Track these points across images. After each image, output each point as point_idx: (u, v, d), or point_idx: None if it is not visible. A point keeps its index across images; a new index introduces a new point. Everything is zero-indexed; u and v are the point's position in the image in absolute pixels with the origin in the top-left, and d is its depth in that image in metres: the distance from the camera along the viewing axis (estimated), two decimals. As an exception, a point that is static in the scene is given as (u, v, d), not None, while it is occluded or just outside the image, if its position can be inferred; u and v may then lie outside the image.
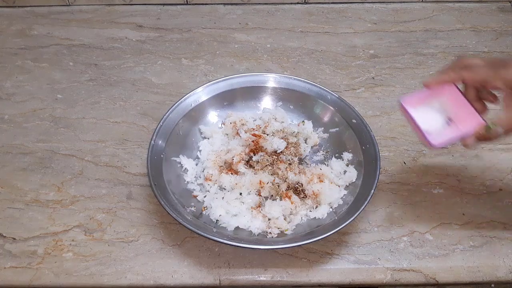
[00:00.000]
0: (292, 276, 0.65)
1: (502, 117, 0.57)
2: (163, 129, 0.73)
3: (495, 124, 0.57)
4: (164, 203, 0.64)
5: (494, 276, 0.66)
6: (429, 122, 0.60)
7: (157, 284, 0.64)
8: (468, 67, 0.58)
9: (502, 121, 0.57)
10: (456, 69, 0.58)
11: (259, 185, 0.70)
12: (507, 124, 0.57)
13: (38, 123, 0.84)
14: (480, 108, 0.60)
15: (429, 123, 0.60)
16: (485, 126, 0.57)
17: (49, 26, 1.03)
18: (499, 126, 0.57)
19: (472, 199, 0.74)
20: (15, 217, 0.71)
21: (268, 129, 0.77)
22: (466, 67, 0.58)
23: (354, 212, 0.64)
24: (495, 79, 0.56)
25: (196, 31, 1.02)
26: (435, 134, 0.59)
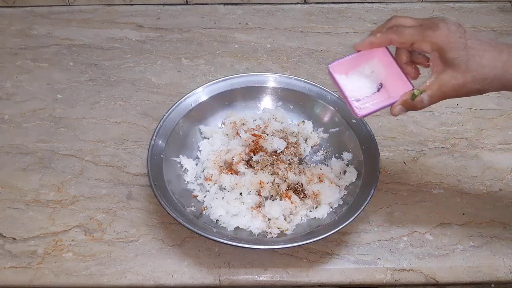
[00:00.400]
0: (292, 276, 0.65)
1: (428, 83, 0.54)
2: (163, 129, 0.73)
3: (421, 91, 0.54)
4: (164, 203, 0.64)
5: (494, 276, 0.66)
6: (358, 90, 0.58)
7: (157, 284, 0.64)
8: (397, 27, 0.54)
9: (428, 87, 0.54)
10: (384, 31, 0.55)
11: (259, 185, 0.70)
12: (432, 91, 0.54)
13: (38, 123, 0.84)
14: (411, 72, 0.57)
15: (358, 90, 0.58)
16: (411, 93, 0.55)
17: (49, 26, 1.02)
18: (424, 94, 0.54)
19: (472, 199, 0.74)
20: (15, 217, 0.71)
21: (268, 129, 0.77)
22: (395, 28, 0.54)
23: (354, 212, 0.64)
24: (421, 42, 0.52)
25: (196, 31, 1.02)
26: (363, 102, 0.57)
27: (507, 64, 0.51)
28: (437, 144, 0.81)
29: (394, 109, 0.56)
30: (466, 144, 0.82)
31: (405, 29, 0.53)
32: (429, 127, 0.84)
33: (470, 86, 0.52)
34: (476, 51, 0.51)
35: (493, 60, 0.51)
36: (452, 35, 0.51)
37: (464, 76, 0.51)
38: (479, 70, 0.51)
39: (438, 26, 0.52)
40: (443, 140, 0.82)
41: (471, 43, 0.51)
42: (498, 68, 0.51)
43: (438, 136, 0.83)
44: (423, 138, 0.82)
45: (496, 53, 0.51)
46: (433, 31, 0.52)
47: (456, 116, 0.86)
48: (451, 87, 0.53)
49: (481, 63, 0.51)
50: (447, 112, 0.87)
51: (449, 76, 0.52)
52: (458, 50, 0.51)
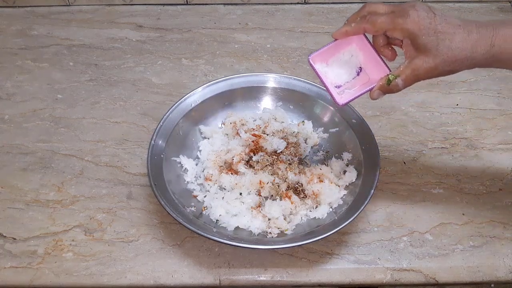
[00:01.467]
0: (292, 276, 0.65)
1: (401, 68, 0.57)
2: (163, 129, 0.73)
3: (395, 76, 0.57)
4: (164, 203, 0.64)
5: (494, 276, 0.66)
6: (338, 76, 0.61)
7: (157, 284, 0.64)
8: (370, 16, 0.56)
9: (401, 72, 0.57)
10: (358, 20, 0.57)
11: (259, 185, 0.70)
12: (406, 75, 0.56)
13: (38, 123, 0.84)
14: (388, 55, 0.59)
15: (339, 77, 0.61)
16: (386, 78, 0.57)
17: (49, 26, 1.03)
18: (398, 78, 0.57)
19: (472, 199, 0.74)
20: (15, 217, 0.71)
21: (268, 129, 0.77)
22: (368, 17, 0.56)
23: (354, 212, 0.64)
24: (393, 30, 0.55)
25: (196, 31, 1.02)
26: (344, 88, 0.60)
27: (476, 44, 0.53)
28: (437, 144, 0.82)
29: (372, 94, 0.59)
30: (466, 144, 0.82)
31: (377, 18, 0.55)
32: (429, 127, 0.84)
33: (441, 68, 0.54)
34: (446, 35, 0.53)
35: (462, 42, 0.53)
36: (421, 21, 0.53)
37: (435, 60, 0.54)
38: (449, 53, 0.53)
39: (408, 13, 0.53)
40: (443, 140, 0.82)
41: (440, 27, 0.53)
42: (468, 50, 0.53)
43: (438, 136, 0.83)
44: (423, 138, 0.82)
45: (465, 34, 0.53)
46: (403, 19, 0.53)
47: (456, 116, 0.86)
48: (423, 70, 0.55)
49: (450, 46, 0.53)
50: (447, 112, 0.87)
51: (421, 61, 0.54)
52: (428, 35, 0.53)
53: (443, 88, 0.92)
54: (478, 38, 0.53)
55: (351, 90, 0.60)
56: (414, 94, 0.90)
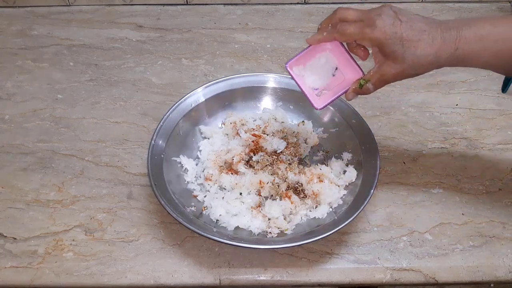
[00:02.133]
0: (292, 276, 0.65)
1: (371, 73, 0.61)
2: (163, 129, 0.73)
3: (366, 80, 0.61)
4: (164, 203, 0.64)
5: (494, 276, 0.66)
6: (315, 80, 0.64)
7: (157, 283, 0.65)
8: (340, 25, 0.58)
9: (371, 77, 0.60)
10: (329, 29, 0.60)
11: (259, 185, 0.70)
12: (375, 80, 0.60)
13: (39, 123, 0.84)
14: (361, 55, 0.62)
15: (316, 80, 0.64)
16: (358, 82, 0.61)
17: (49, 26, 1.03)
18: (369, 83, 0.60)
19: (471, 199, 0.74)
20: (15, 217, 0.71)
21: (268, 129, 0.77)
22: (339, 27, 0.58)
23: (354, 212, 0.64)
24: (362, 39, 0.58)
25: (196, 31, 1.02)
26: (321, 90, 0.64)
27: (440, 49, 0.56)
28: (437, 144, 0.82)
29: (347, 96, 0.63)
30: (465, 144, 0.82)
31: (346, 29, 0.58)
32: (429, 127, 0.84)
33: (407, 72, 0.58)
34: (411, 43, 0.55)
35: (426, 49, 0.55)
36: (388, 30, 0.55)
37: (402, 66, 0.57)
38: (415, 59, 0.56)
39: (375, 23, 0.56)
40: (443, 140, 0.82)
41: (406, 35, 0.55)
42: (432, 55, 0.56)
43: (438, 136, 0.83)
44: (423, 138, 0.82)
45: (430, 41, 0.55)
46: (371, 29, 0.56)
47: (455, 116, 0.86)
48: (391, 75, 0.59)
49: (415, 53, 0.56)
50: (446, 112, 0.87)
51: (389, 67, 0.58)
52: (394, 44, 0.56)
53: (443, 88, 0.92)
54: (442, 43, 0.55)
55: (328, 92, 0.64)
56: (414, 94, 0.90)
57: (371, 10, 0.58)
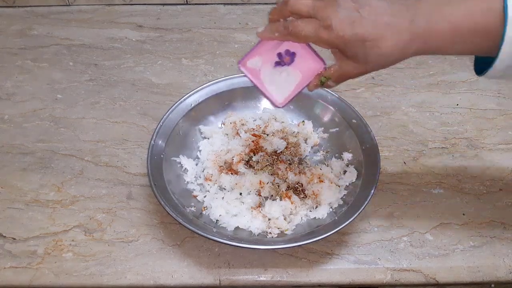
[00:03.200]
0: (292, 276, 0.65)
1: (331, 71, 0.55)
2: (163, 129, 0.73)
3: (327, 78, 0.56)
4: (164, 203, 0.64)
5: (494, 276, 0.66)
6: (273, 78, 0.58)
7: (157, 284, 0.64)
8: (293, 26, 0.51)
9: (332, 75, 0.55)
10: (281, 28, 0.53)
11: (259, 185, 0.70)
12: (336, 78, 0.55)
13: (38, 123, 0.84)
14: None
15: (273, 74, 0.58)
16: (319, 79, 0.56)
17: (49, 26, 1.03)
18: (330, 80, 0.56)
19: (472, 199, 0.74)
20: (15, 217, 0.70)
21: (268, 129, 0.77)
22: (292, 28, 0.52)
23: (354, 212, 0.64)
24: (318, 43, 0.51)
25: (196, 31, 1.02)
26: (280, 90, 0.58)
27: (407, 46, 0.49)
28: (437, 144, 0.82)
29: (309, 89, 0.58)
30: (466, 144, 0.82)
31: (300, 31, 0.51)
32: (429, 127, 0.84)
33: (370, 70, 0.52)
34: (374, 42, 0.49)
35: (392, 47, 0.49)
36: (347, 33, 0.48)
37: (364, 67, 0.52)
38: (379, 60, 0.50)
39: (332, 24, 0.49)
40: (443, 140, 0.82)
41: (368, 35, 0.48)
42: (398, 53, 0.50)
43: (438, 136, 0.83)
44: (423, 138, 0.82)
45: (395, 37, 0.49)
46: (327, 32, 0.49)
47: (456, 116, 0.86)
48: (353, 74, 0.53)
49: (379, 53, 0.50)
50: (447, 112, 0.87)
51: (350, 66, 0.52)
52: (355, 48, 0.50)
53: (443, 88, 0.92)
54: (409, 39, 0.49)
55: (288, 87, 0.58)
56: (414, 94, 0.90)
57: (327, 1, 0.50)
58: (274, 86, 0.58)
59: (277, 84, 0.59)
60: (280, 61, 0.57)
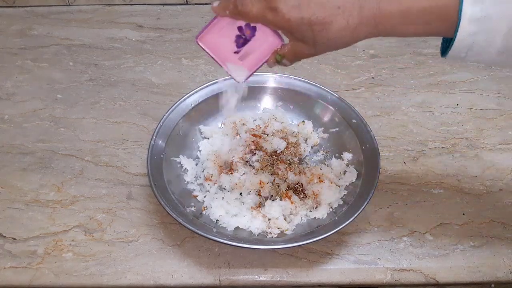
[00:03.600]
0: (292, 276, 0.65)
1: (285, 50, 0.53)
2: (163, 129, 0.73)
3: (281, 56, 0.54)
4: (164, 203, 0.64)
5: (494, 276, 0.66)
6: (232, 53, 0.57)
7: (157, 284, 0.64)
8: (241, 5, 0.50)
9: (285, 54, 0.54)
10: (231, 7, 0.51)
11: (259, 185, 0.70)
12: (290, 57, 0.54)
13: (38, 123, 0.84)
14: None
15: (232, 53, 0.57)
16: (274, 57, 0.55)
17: (49, 26, 1.03)
18: (284, 59, 0.54)
19: (472, 199, 0.74)
20: (15, 217, 0.70)
21: (268, 129, 0.77)
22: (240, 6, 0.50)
23: (354, 212, 0.64)
24: (266, 24, 0.51)
25: (196, 31, 1.02)
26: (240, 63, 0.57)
27: (357, 30, 0.48)
28: (437, 144, 0.82)
29: (268, 65, 0.57)
30: (466, 144, 0.82)
31: (248, 11, 0.50)
32: (429, 127, 0.84)
33: (322, 52, 0.51)
34: (322, 26, 0.47)
35: (341, 31, 0.48)
36: (293, 16, 0.47)
37: (314, 49, 0.50)
38: (328, 43, 0.49)
39: (278, 7, 0.47)
40: (443, 140, 0.82)
41: (315, 19, 0.47)
42: (348, 36, 0.49)
43: (438, 136, 0.83)
44: (423, 138, 0.82)
45: (344, 21, 0.47)
46: (274, 14, 0.48)
47: (456, 116, 0.86)
48: (306, 55, 0.52)
49: (328, 37, 0.48)
50: (447, 112, 0.87)
51: (301, 47, 0.51)
52: (302, 31, 0.48)
53: (443, 88, 0.92)
54: (359, 22, 0.47)
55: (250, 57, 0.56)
56: (414, 94, 0.90)
57: None
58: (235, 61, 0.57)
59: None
60: (240, 35, 0.55)
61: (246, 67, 0.57)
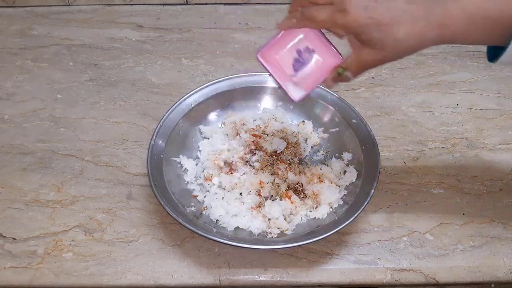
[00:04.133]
0: (292, 276, 0.65)
1: (349, 62, 0.55)
2: (163, 129, 0.73)
3: (344, 69, 0.55)
4: (164, 203, 0.64)
5: (494, 276, 0.66)
6: (292, 67, 0.58)
7: (157, 284, 0.64)
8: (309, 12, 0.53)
9: (349, 66, 0.55)
10: (299, 16, 0.54)
11: (259, 185, 0.70)
12: (353, 69, 0.55)
13: (38, 123, 0.84)
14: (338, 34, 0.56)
15: (292, 68, 0.58)
16: (336, 71, 0.56)
17: (49, 26, 1.03)
18: (347, 72, 0.55)
19: (472, 199, 0.74)
20: (15, 217, 0.70)
21: (268, 129, 0.77)
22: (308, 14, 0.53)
23: (354, 212, 0.64)
24: (333, 27, 0.52)
25: (196, 31, 1.02)
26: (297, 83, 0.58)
27: (423, 32, 0.49)
28: (437, 144, 0.82)
29: (327, 84, 0.58)
30: (466, 144, 0.82)
31: (316, 16, 0.52)
32: (429, 127, 0.84)
33: (388, 59, 0.52)
34: (390, 27, 0.49)
35: (408, 34, 0.49)
36: (361, 16, 0.49)
37: (381, 53, 0.51)
38: (396, 45, 0.50)
39: (347, 9, 0.49)
40: (443, 140, 0.82)
41: (383, 19, 0.49)
42: (415, 39, 0.50)
43: (438, 136, 0.83)
44: (423, 138, 0.82)
45: (411, 23, 0.49)
46: (343, 15, 0.50)
47: (456, 116, 0.86)
48: (370, 62, 0.53)
49: (396, 38, 0.49)
50: (447, 112, 0.87)
51: (367, 54, 0.52)
52: (370, 31, 0.49)
53: (443, 88, 0.92)
54: (425, 24, 0.49)
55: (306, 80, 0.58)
56: (414, 94, 0.90)
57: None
58: (291, 81, 0.58)
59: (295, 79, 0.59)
60: (299, 58, 0.58)
61: (303, 88, 0.58)
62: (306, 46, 0.57)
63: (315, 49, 0.57)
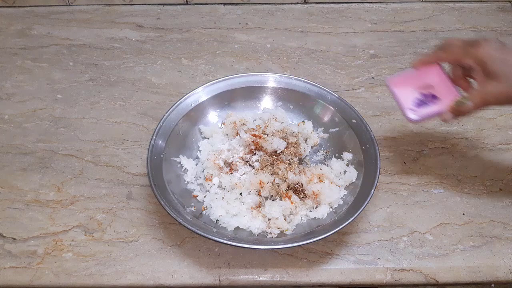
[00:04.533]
0: (292, 276, 0.65)
1: (473, 92, 0.61)
2: (163, 129, 0.73)
3: (466, 99, 0.61)
4: (164, 203, 0.64)
5: (494, 276, 0.66)
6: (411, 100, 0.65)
7: (157, 284, 0.64)
8: (446, 47, 0.62)
9: (472, 96, 0.61)
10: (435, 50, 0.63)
11: (259, 185, 0.70)
12: (475, 99, 0.60)
13: (38, 123, 0.84)
14: (464, 85, 0.64)
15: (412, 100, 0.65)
16: (457, 100, 0.62)
17: (49, 26, 1.03)
18: (469, 101, 0.61)
19: (472, 199, 0.74)
20: (15, 217, 0.70)
21: (268, 129, 0.77)
22: (444, 48, 0.62)
23: (354, 212, 0.64)
24: (465, 57, 0.60)
25: (196, 31, 1.02)
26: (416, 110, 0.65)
27: None
28: (437, 144, 0.81)
29: (444, 116, 0.64)
30: (466, 144, 0.82)
31: (452, 48, 0.61)
32: (429, 127, 0.84)
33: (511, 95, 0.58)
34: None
35: None
36: (492, 51, 0.58)
37: (505, 87, 0.58)
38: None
39: (480, 44, 0.59)
40: (443, 140, 0.82)
41: (510, 57, 0.57)
42: None
43: (438, 136, 0.83)
44: (423, 138, 0.82)
45: None
46: (475, 48, 0.59)
47: (456, 116, 0.86)
48: (493, 96, 0.59)
49: None
50: (447, 112, 0.87)
51: (491, 86, 0.58)
52: (498, 64, 0.57)
53: (443, 88, 0.92)
54: None
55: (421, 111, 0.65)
56: (414, 94, 0.90)
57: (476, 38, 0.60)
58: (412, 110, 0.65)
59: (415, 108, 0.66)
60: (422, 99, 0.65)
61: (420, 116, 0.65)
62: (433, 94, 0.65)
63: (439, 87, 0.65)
